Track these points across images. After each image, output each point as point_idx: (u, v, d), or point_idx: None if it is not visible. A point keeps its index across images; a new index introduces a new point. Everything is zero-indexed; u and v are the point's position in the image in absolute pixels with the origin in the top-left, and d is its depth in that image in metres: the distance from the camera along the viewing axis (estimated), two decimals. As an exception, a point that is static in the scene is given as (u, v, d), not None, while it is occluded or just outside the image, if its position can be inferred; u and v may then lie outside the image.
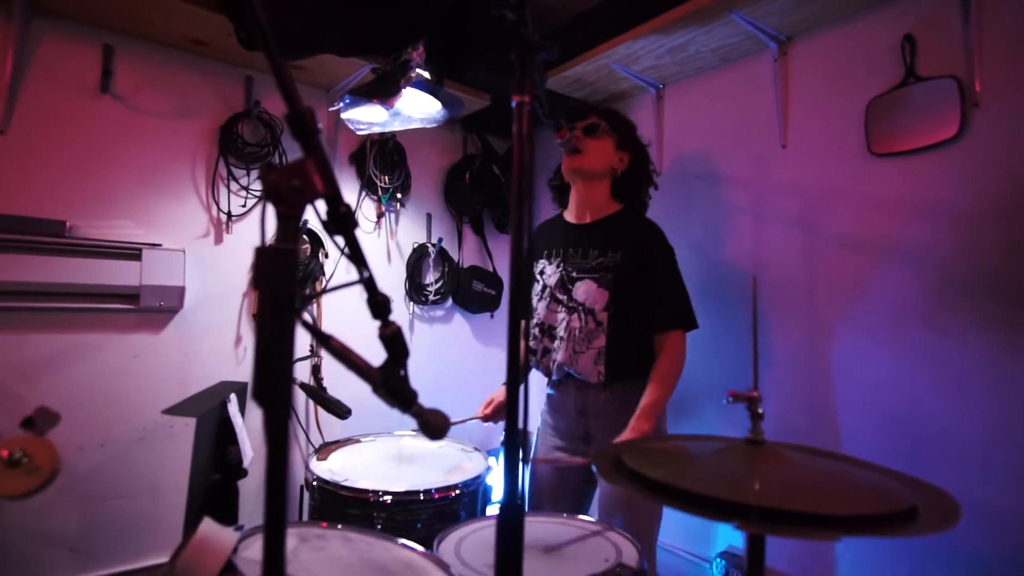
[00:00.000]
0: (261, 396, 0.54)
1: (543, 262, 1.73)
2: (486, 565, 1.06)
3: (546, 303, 1.68)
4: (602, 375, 1.57)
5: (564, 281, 1.66)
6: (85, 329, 1.80)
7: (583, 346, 1.60)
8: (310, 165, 0.60)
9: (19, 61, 1.72)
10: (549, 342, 1.67)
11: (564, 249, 1.69)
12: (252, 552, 0.87)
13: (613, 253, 1.60)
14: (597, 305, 1.59)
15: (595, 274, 1.61)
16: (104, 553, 1.79)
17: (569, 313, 1.63)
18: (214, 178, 2.05)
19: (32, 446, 0.74)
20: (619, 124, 1.71)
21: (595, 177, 1.68)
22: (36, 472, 0.73)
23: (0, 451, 0.72)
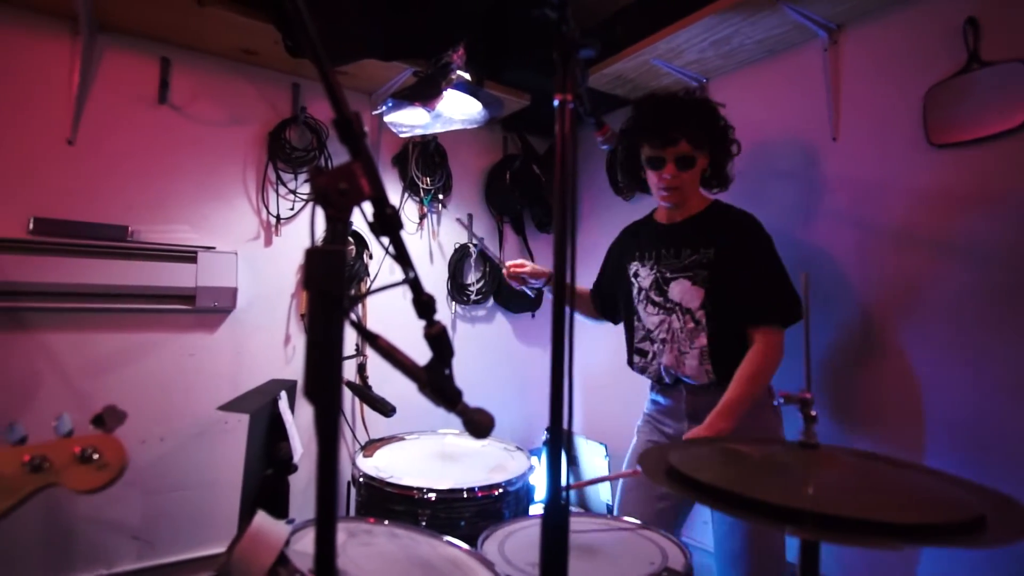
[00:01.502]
0: (312, 394, 0.56)
1: (635, 264, 1.68)
2: (530, 564, 1.06)
3: (644, 306, 1.65)
4: (710, 374, 1.51)
5: (659, 282, 1.62)
6: (145, 329, 1.89)
7: (687, 346, 1.55)
8: (357, 168, 0.61)
9: (85, 75, 1.82)
10: (649, 345, 1.64)
11: (657, 250, 1.64)
12: (303, 545, 0.89)
13: (706, 250, 1.54)
14: (693, 304, 1.54)
15: (689, 272, 1.56)
16: (165, 542, 1.88)
17: (667, 314, 1.59)
18: (263, 182, 2.12)
19: (102, 443, 0.78)
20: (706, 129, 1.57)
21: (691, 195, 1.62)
22: (106, 468, 0.77)
23: (73, 448, 0.76)
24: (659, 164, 1.56)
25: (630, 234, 1.80)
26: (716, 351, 1.51)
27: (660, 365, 1.60)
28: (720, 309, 1.51)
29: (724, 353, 1.51)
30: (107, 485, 0.78)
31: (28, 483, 0.74)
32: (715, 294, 1.52)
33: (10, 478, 0.73)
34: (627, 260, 1.73)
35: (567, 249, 0.76)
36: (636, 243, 1.72)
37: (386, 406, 1.72)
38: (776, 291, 1.50)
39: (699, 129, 1.55)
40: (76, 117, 1.81)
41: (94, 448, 0.77)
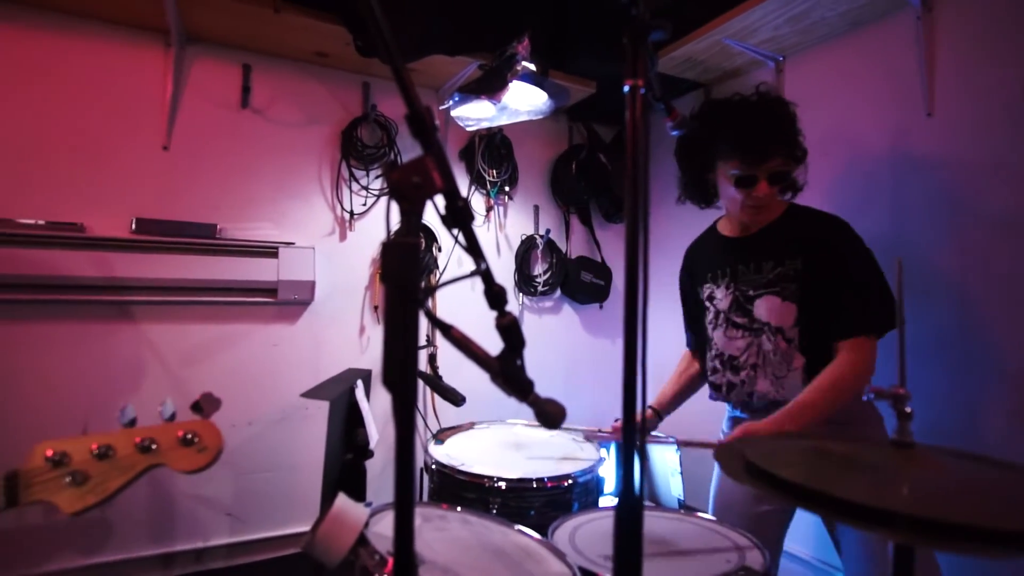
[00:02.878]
0: (390, 382, 0.58)
1: (709, 287, 1.55)
2: (601, 556, 1.05)
3: (723, 331, 1.51)
4: None
5: (740, 302, 1.48)
6: (233, 320, 2.02)
7: (783, 369, 1.41)
8: (429, 162, 0.62)
9: (177, 85, 1.95)
10: (732, 374, 1.50)
11: (732, 267, 1.49)
12: (381, 528, 0.93)
13: (792, 260, 1.40)
14: (786, 322, 1.40)
15: (775, 287, 1.41)
16: (254, 519, 2.01)
17: (755, 335, 1.45)
18: (337, 180, 2.20)
19: (201, 428, 0.84)
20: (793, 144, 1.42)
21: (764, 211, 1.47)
22: (205, 451, 0.84)
23: (177, 432, 0.83)
24: (750, 183, 1.39)
25: (696, 253, 1.67)
26: (818, 368, 1.35)
27: (752, 394, 1.47)
28: (816, 323, 1.36)
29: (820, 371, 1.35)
30: (206, 467, 0.84)
31: (139, 463, 0.81)
32: (810, 308, 1.37)
33: (124, 458, 0.81)
34: (699, 282, 1.58)
35: (639, 239, 0.74)
36: (706, 262, 1.58)
37: (456, 396, 1.75)
38: (867, 298, 1.34)
39: (794, 143, 1.41)
40: (170, 124, 1.95)
41: (195, 433, 0.83)
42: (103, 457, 0.80)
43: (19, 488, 0.76)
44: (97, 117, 1.85)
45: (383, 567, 0.79)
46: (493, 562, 0.94)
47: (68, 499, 0.78)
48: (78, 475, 0.78)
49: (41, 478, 0.77)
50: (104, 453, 0.80)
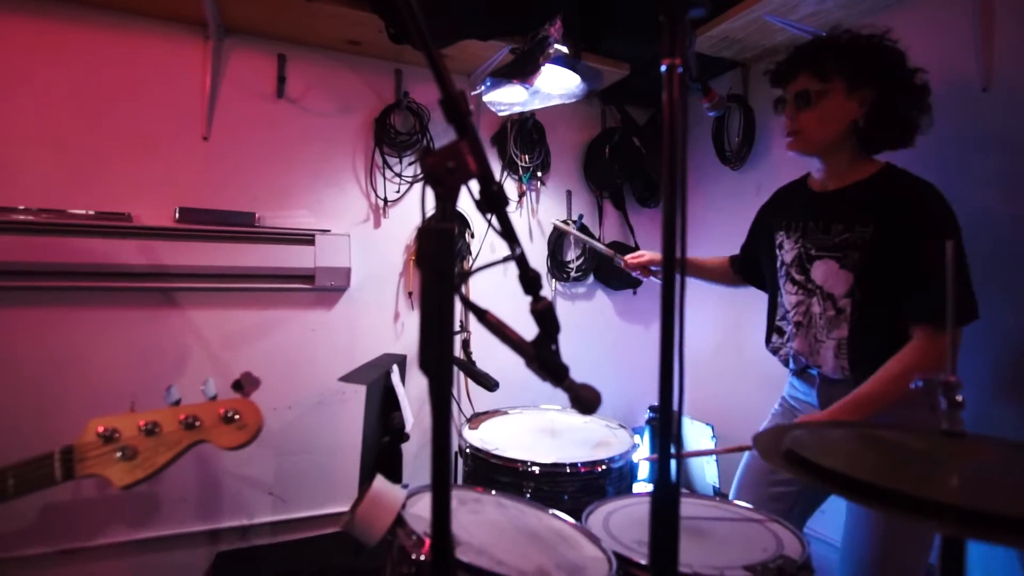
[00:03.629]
0: (427, 366, 0.58)
1: (781, 235, 1.48)
2: (636, 541, 1.05)
3: (783, 282, 1.47)
4: (846, 371, 1.33)
5: (802, 259, 1.41)
6: (272, 306, 2.07)
7: (823, 335, 1.37)
8: (464, 147, 0.62)
9: (215, 76, 1.99)
10: (786, 326, 1.49)
11: (805, 222, 1.42)
12: (417, 509, 0.94)
13: (863, 228, 1.29)
14: (837, 290, 1.34)
15: (837, 252, 1.34)
16: (295, 499, 2.08)
17: (808, 296, 1.40)
18: (371, 167, 2.22)
19: (242, 406, 0.87)
20: (845, 58, 1.29)
21: (831, 148, 1.36)
22: (245, 428, 0.87)
23: (219, 409, 0.86)
24: (780, 105, 1.36)
25: (781, 197, 1.60)
26: (856, 346, 1.31)
27: (791, 350, 1.45)
28: (872, 299, 1.28)
29: (866, 349, 1.30)
30: (247, 443, 0.87)
31: (184, 439, 0.85)
32: (868, 281, 1.29)
33: (170, 434, 0.84)
34: (775, 227, 1.51)
35: (676, 222, 0.73)
36: (786, 209, 1.51)
37: (490, 381, 1.76)
38: (929, 297, 1.22)
39: (828, 58, 1.28)
40: (209, 115, 1.99)
41: (235, 410, 0.87)
42: (150, 433, 0.83)
43: (74, 462, 0.80)
44: (142, 110, 1.91)
45: (420, 547, 0.81)
46: (528, 545, 0.95)
47: (119, 473, 0.82)
48: (128, 450, 0.82)
49: (94, 453, 0.81)
50: (151, 430, 0.83)
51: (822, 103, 1.32)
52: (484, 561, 0.81)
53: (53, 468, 0.80)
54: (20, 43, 1.78)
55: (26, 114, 1.78)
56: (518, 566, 0.83)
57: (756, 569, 0.94)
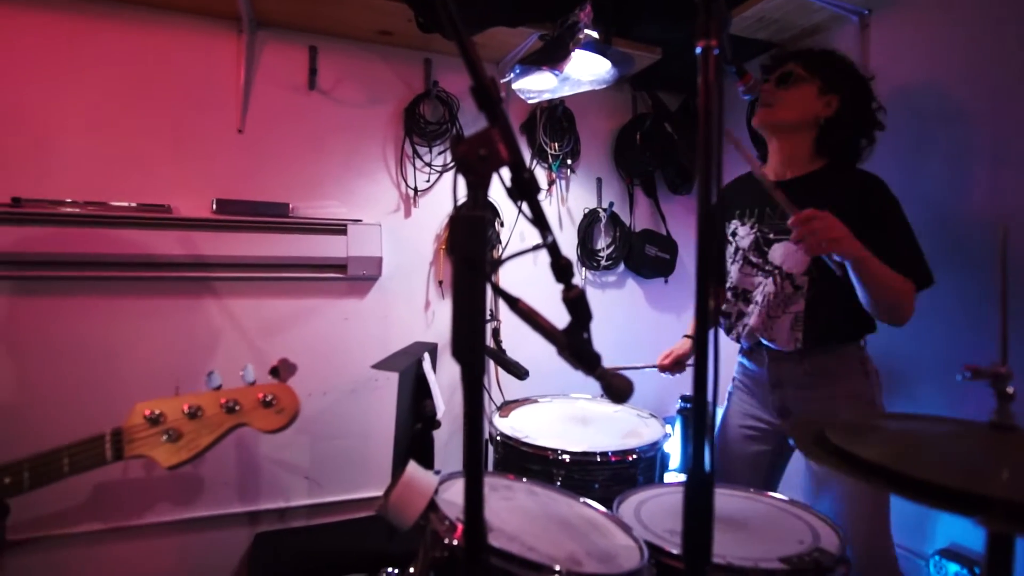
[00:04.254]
0: (459, 354, 0.59)
1: (735, 223, 1.61)
2: (668, 531, 1.04)
3: (739, 266, 1.57)
4: (799, 342, 1.44)
5: (759, 243, 1.54)
6: (306, 295, 2.11)
7: (778, 311, 1.48)
8: (495, 134, 0.62)
9: (249, 69, 2.03)
10: (744, 306, 1.57)
11: (760, 209, 1.55)
12: (450, 495, 0.96)
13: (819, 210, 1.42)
14: (796, 269, 1.46)
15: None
16: (331, 483, 2.13)
17: (765, 276, 1.52)
18: (401, 157, 2.24)
19: (279, 391, 0.90)
20: (821, 63, 1.49)
21: (792, 130, 1.50)
22: (283, 413, 0.89)
23: (257, 394, 0.89)
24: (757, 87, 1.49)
25: (730, 190, 1.70)
26: (812, 318, 1.43)
27: (745, 327, 1.54)
28: (830, 276, 1.38)
29: (821, 320, 1.43)
30: (284, 427, 0.90)
31: (225, 422, 0.88)
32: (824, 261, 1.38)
33: (212, 417, 0.87)
34: (727, 218, 1.63)
35: (711, 210, 0.71)
36: (736, 200, 1.63)
37: (520, 369, 1.77)
38: (908, 250, 1.36)
39: (815, 58, 1.49)
40: (244, 108, 2.03)
41: (273, 395, 0.89)
42: (193, 416, 0.87)
43: (123, 443, 0.84)
44: (179, 104, 1.96)
45: (453, 532, 0.82)
46: (559, 532, 0.95)
47: (165, 454, 0.85)
48: (173, 432, 0.85)
49: (141, 435, 0.85)
50: (194, 413, 0.87)
51: (800, 87, 1.47)
52: (516, 547, 0.81)
53: (104, 449, 0.84)
54: (66, 41, 1.83)
55: (72, 110, 1.84)
56: (549, 553, 0.84)
57: (792, 561, 0.93)
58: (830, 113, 1.46)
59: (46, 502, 1.80)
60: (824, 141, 1.49)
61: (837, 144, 1.49)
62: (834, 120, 1.46)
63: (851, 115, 1.46)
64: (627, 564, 0.86)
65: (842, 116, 1.46)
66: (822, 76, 1.47)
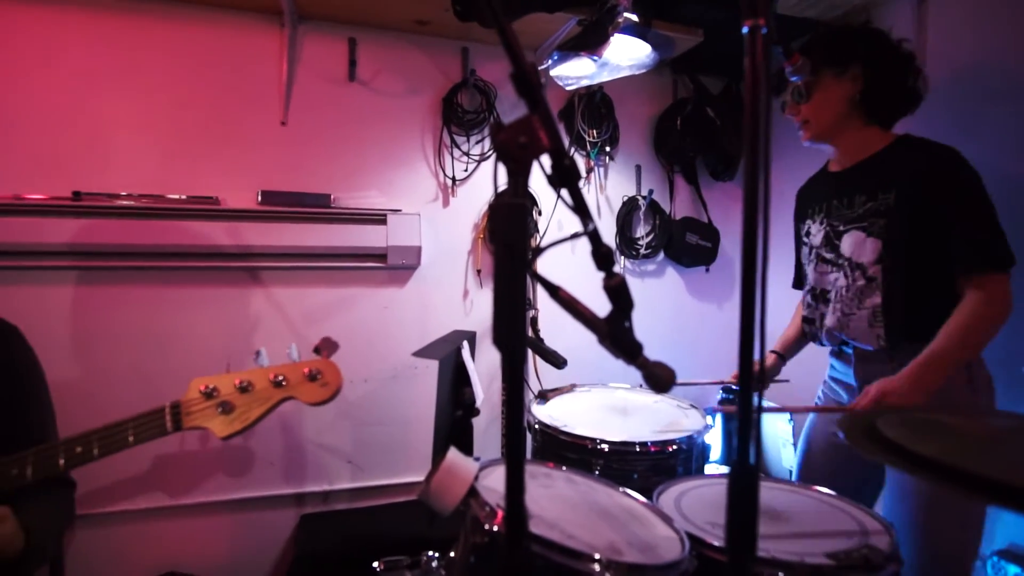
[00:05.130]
0: (500, 342, 0.59)
1: (808, 222, 1.56)
2: (709, 523, 1.03)
3: (814, 266, 1.52)
4: (882, 339, 1.34)
5: (830, 237, 1.47)
6: (348, 284, 2.15)
7: (852, 306, 1.39)
8: (536, 121, 0.61)
9: (291, 63, 2.07)
10: (824, 306, 1.50)
11: (828, 202, 1.49)
12: (490, 482, 0.97)
13: (885, 194, 1.34)
14: (865, 258, 1.37)
15: (863, 223, 1.39)
16: (372, 467, 2.18)
17: (837, 270, 1.45)
18: (439, 146, 2.25)
19: (323, 367, 0.94)
20: (824, 48, 1.40)
21: (841, 127, 1.43)
22: (327, 386, 0.94)
23: (303, 369, 0.92)
24: (783, 108, 1.47)
25: (803, 193, 1.65)
26: (892, 311, 1.32)
27: (823, 329, 1.47)
28: (902, 262, 1.30)
29: (904, 314, 1.31)
30: (329, 399, 0.94)
31: (274, 395, 0.92)
32: (896, 245, 1.32)
33: (262, 391, 0.92)
34: (800, 220, 1.58)
35: (759, 196, 0.69)
36: (807, 199, 1.58)
37: (558, 358, 1.76)
38: (987, 230, 1.24)
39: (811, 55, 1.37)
40: (286, 101, 2.08)
41: (318, 370, 0.93)
42: (245, 390, 0.91)
43: (181, 415, 0.89)
44: (226, 98, 2.01)
45: (493, 518, 0.83)
46: (599, 521, 0.95)
47: (219, 425, 0.90)
48: (226, 405, 0.90)
49: (197, 407, 0.90)
50: (245, 387, 0.91)
51: (816, 92, 1.41)
52: (556, 535, 0.82)
53: (164, 420, 0.89)
54: (119, 41, 1.90)
55: (126, 107, 1.92)
56: (589, 541, 0.84)
57: (839, 557, 0.91)
58: (861, 84, 1.36)
59: (110, 480, 1.90)
60: (874, 113, 1.39)
61: (884, 110, 1.39)
62: (869, 85, 1.36)
63: (881, 68, 1.35)
64: (668, 555, 0.86)
65: (874, 75, 1.35)
66: (829, 60, 1.38)
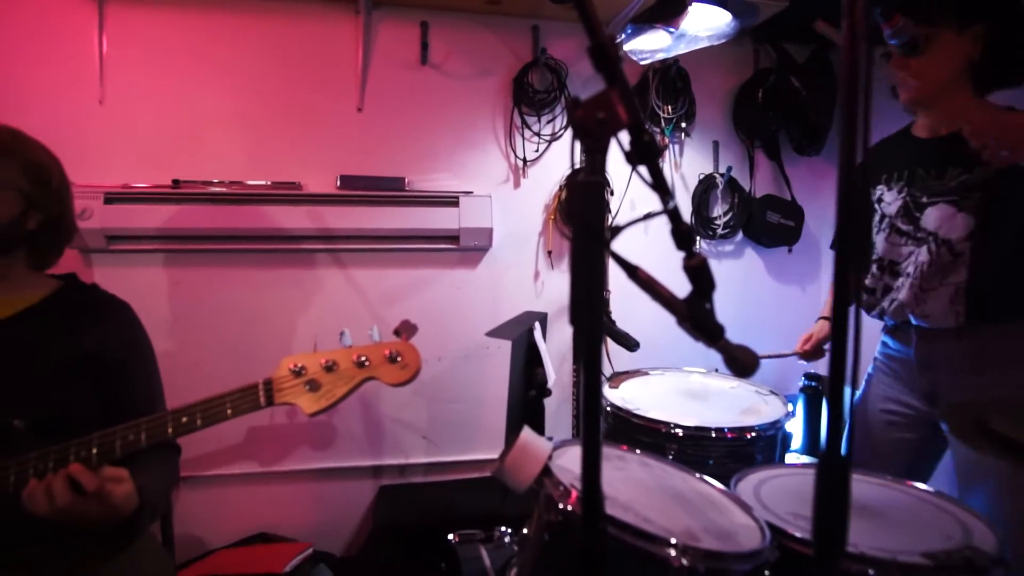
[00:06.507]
0: (578, 321, 0.58)
1: (881, 188, 1.45)
2: (791, 514, 0.99)
3: (885, 235, 1.42)
4: (960, 316, 1.27)
5: (909, 208, 1.37)
6: (421, 266, 2.21)
7: (934, 282, 1.31)
8: (614, 96, 0.60)
9: (366, 49, 2.12)
10: (891, 279, 1.41)
11: (910, 170, 1.38)
12: (563, 461, 0.97)
13: (984, 166, 1.23)
14: (955, 234, 1.29)
15: (954, 196, 1.29)
16: (446, 443, 2.25)
17: (917, 245, 1.35)
18: (510, 128, 2.24)
19: (403, 348, 0.97)
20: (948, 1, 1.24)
21: (947, 93, 1.30)
22: (407, 368, 0.97)
23: (384, 350, 0.96)
24: (886, 59, 1.30)
25: (876, 152, 1.52)
26: (979, 290, 1.25)
27: (894, 302, 1.37)
28: (997, 240, 1.21)
29: (991, 291, 1.26)
30: (408, 380, 0.97)
31: (357, 375, 0.96)
32: (992, 222, 1.24)
33: (346, 370, 0.96)
34: (872, 183, 1.45)
35: (854, 171, 0.64)
36: (882, 162, 1.46)
37: (630, 341, 1.74)
38: None
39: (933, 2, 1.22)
40: (362, 87, 2.13)
41: (398, 351, 0.96)
42: (330, 369, 0.96)
43: (273, 391, 0.96)
44: (305, 87, 2.10)
45: (567, 497, 0.83)
46: (674, 506, 0.93)
47: (307, 402, 0.95)
48: (313, 383, 0.95)
49: (287, 384, 0.95)
50: (331, 366, 0.96)
51: (932, 47, 1.26)
52: (630, 517, 0.81)
53: (259, 396, 0.95)
54: (207, 36, 2.02)
55: (217, 99, 2.04)
56: (665, 525, 0.82)
57: (938, 557, 0.84)
58: (981, 47, 1.24)
59: (210, 448, 2.06)
60: (985, 79, 1.28)
61: (1002, 71, 1.27)
62: (991, 49, 1.23)
63: (1007, 32, 1.23)
64: (747, 544, 0.83)
65: (999, 38, 1.23)
66: (952, 14, 1.23)
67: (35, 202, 1.11)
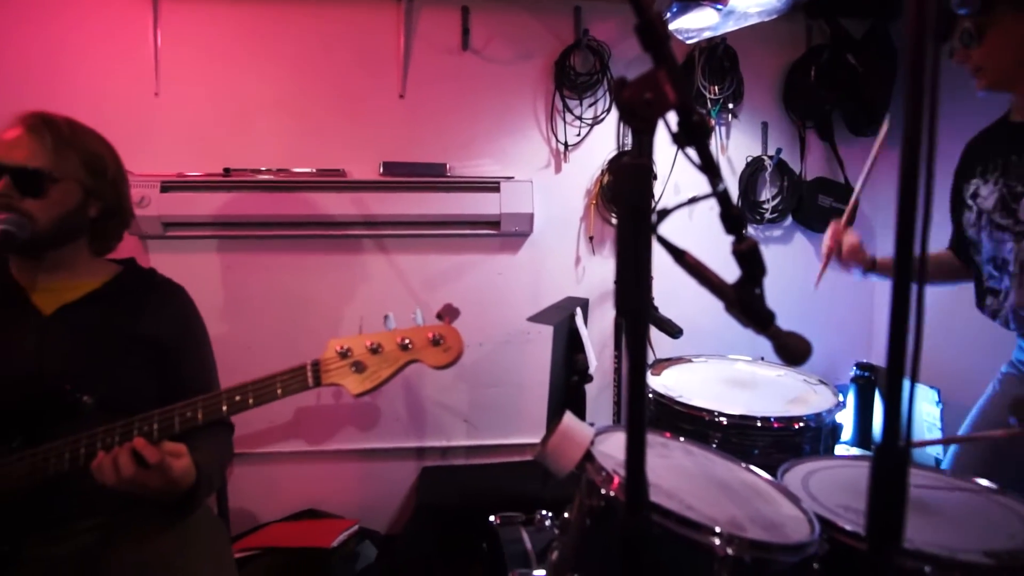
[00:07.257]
0: (624, 305, 0.57)
1: (976, 182, 1.34)
2: (840, 506, 0.96)
3: (988, 233, 1.31)
4: None
5: (1005, 200, 1.27)
6: (462, 251, 2.22)
7: None
8: (662, 75, 0.58)
9: (408, 35, 2.13)
10: (999, 282, 1.32)
11: (1004, 158, 1.28)
12: (605, 447, 0.96)
13: None
14: None
15: None
16: (487, 426, 2.28)
17: (1018, 240, 1.25)
18: (551, 112, 2.22)
19: (446, 332, 0.98)
20: None
21: (1016, 79, 1.23)
22: (450, 351, 0.98)
23: (427, 333, 0.97)
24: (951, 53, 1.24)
25: (971, 145, 1.42)
26: None
27: (1008, 307, 1.27)
28: None
29: None
30: (451, 363, 0.98)
31: (401, 357, 0.98)
32: None
33: (390, 353, 0.98)
34: (963, 181, 1.35)
35: (921, 150, 0.61)
36: (977, 154, 1.36)
37: (673, 327, 1.71)
38: None
39: None
40: (404, 74, 2.15)
41: (441, 335, 0.98)
42: (375, 352, 0.98)
43: (320, 372, 0.98)
44: (348, 75, 2.13)
45: (610, 483, 0.83)
46: (718, 494, 0.92)
47: (353, 383, 0.98)
48: (359, 364, 0.97)
49: (334, 366, 0.98)
50: (375, 349, 0.98)
51: (991, 32, 1.20)
52: (674, 505, 0.80)
53: (307, 376, 0.98)
54: (254, 26, 2.07)
55: (263, 88, 2.09)
56: (709, 514, 0.81)
57: (1002, 557, 0.80)
58: None
59: (262, 426, 2.15)
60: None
61: None
62: None
63: None
64: (795, 535, 0.81)
65: None
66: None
67: (94, 192, 1.16)
